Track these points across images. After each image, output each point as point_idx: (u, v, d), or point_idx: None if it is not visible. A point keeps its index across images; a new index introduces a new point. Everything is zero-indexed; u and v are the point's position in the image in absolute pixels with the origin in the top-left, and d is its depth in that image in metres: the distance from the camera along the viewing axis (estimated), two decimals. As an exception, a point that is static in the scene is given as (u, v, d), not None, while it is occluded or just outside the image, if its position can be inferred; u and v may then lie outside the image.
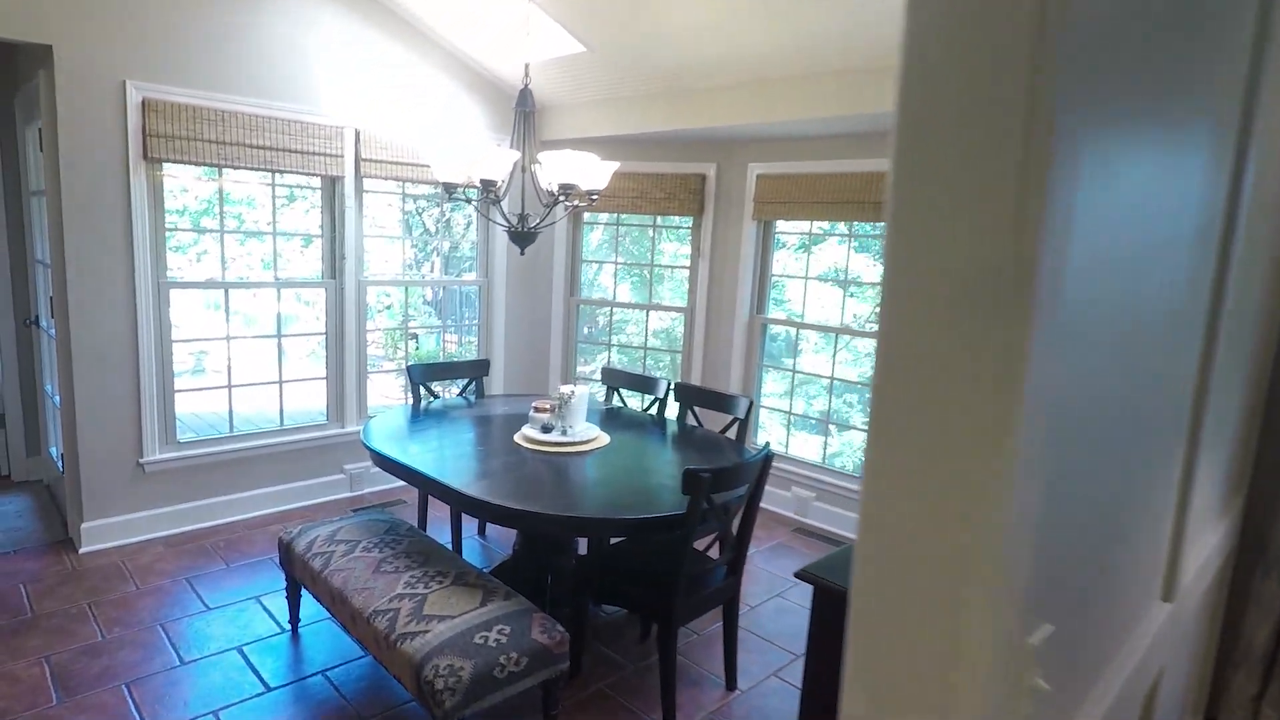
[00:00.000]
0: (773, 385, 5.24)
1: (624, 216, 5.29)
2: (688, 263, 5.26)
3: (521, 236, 2.79)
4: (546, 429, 3.10)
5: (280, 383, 4.34)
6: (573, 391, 3.10)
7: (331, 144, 4.14)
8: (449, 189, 2.81)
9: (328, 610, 2.70)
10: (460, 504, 2.50)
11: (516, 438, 3.11)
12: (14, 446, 4.54)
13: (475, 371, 3.97)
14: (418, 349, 8.87)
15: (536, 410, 3.15)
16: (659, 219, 5.15)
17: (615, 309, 5.67)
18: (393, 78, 4.34)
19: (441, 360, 5.47)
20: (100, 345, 3.58)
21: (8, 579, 3.33)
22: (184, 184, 9.41)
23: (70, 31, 3.34)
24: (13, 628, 2.97)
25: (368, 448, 2.93)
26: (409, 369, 3.69)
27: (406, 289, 6.27)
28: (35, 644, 2.88)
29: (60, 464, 3.95)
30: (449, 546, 3.64)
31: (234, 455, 4.08)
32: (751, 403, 3.33)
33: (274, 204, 4.23)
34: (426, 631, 2.25)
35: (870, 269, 7.19)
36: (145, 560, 3.61)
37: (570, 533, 2.88)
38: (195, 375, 8.42)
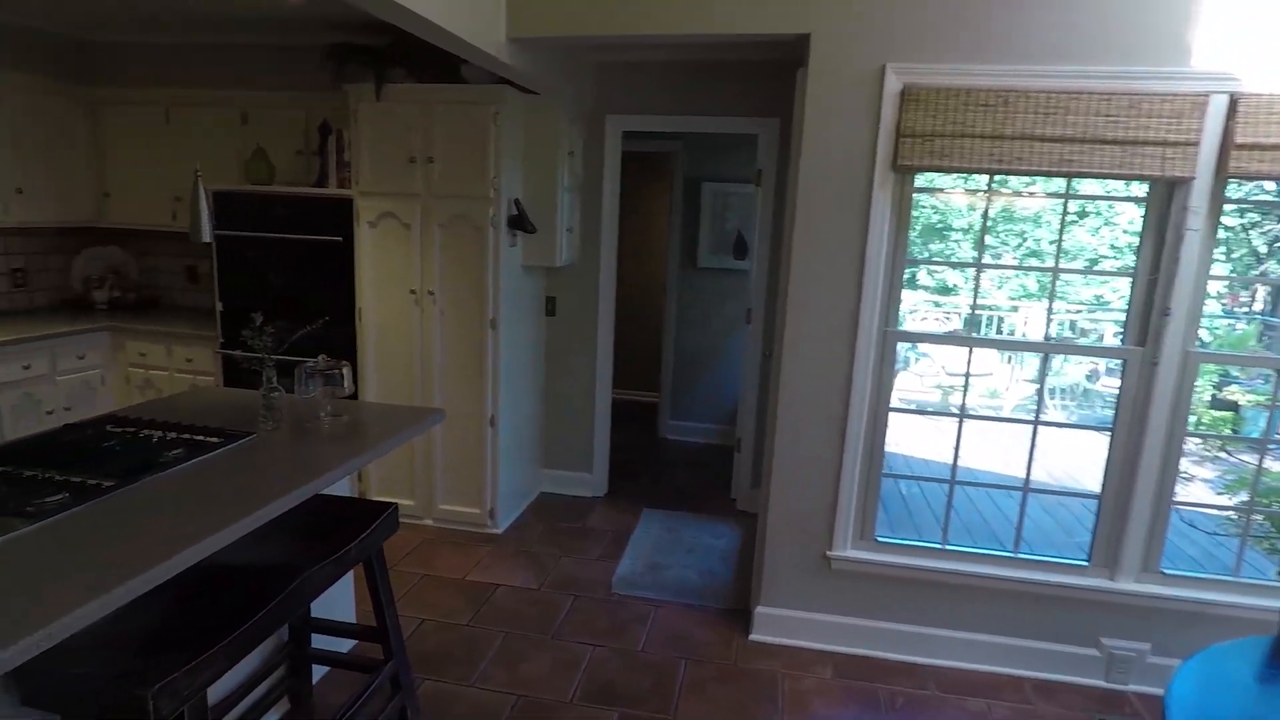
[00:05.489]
0: None
1: None
2: None
3: None
4: None
5: (1025, 490, 2.95)
6: None
7: (1180, 124, 2.45)
8: None
9: None
10: None
11: None
12: (742, 474, 4.45)
13: None
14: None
15: None
16: None
17: None
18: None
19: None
20: (807, 397, 2.89)
21: (677, 645, 2.98)
22: (933, 199, 8.80)
23: (831, 12, 2.64)
24: (650, 729, 2.52)
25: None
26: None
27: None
28: (657, 770, 2.33)
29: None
30: None
31: (942, 577, 2.92)
32: None
33: (1061, 225, 2.83)
34: None
35: None
36: (805, 685, 2.80)
37: None
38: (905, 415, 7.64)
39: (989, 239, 9.33)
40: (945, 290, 9.43)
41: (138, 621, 1.65)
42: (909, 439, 5.66)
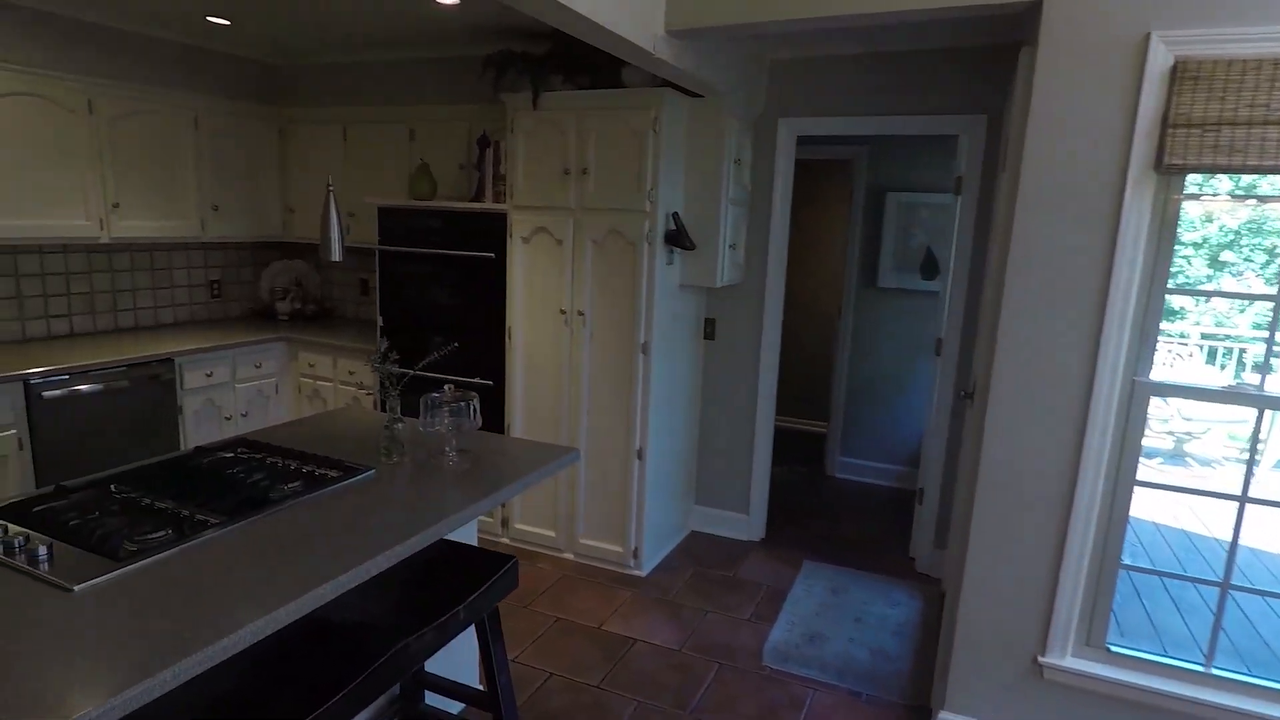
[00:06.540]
0: None
1: None
2: None
3: None
4: None
5: (1335, 606, 2.16)
6: None
7: None
8: None
9: None
10: None
11: None
12: (923, 529, 3.82)
13: None
14: None
15: None
16: None
17: None
18: None
19: None
20: (1020, 456, 2.30)
21: (839, 747, 2.49)
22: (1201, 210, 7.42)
23: (1076, -31, 2.06)
24: None
25: None
26: None
27: None
28: None
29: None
30: None
31: (1202, 711, 2.20)
32: None
33: None
34: None
35: None
36: (1006, 827, 2.20)
37: None
38: (1163, 466, 6.38)
39: (1229, 255, 7.85)
40: (1169, 313, 8.00)
41: (211, 684, 1.48)
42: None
